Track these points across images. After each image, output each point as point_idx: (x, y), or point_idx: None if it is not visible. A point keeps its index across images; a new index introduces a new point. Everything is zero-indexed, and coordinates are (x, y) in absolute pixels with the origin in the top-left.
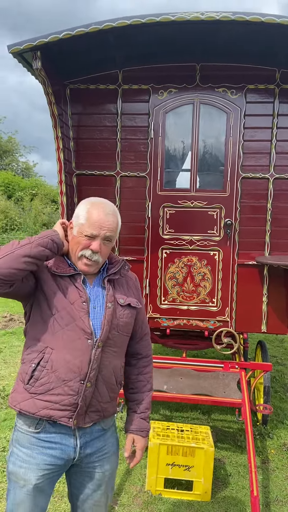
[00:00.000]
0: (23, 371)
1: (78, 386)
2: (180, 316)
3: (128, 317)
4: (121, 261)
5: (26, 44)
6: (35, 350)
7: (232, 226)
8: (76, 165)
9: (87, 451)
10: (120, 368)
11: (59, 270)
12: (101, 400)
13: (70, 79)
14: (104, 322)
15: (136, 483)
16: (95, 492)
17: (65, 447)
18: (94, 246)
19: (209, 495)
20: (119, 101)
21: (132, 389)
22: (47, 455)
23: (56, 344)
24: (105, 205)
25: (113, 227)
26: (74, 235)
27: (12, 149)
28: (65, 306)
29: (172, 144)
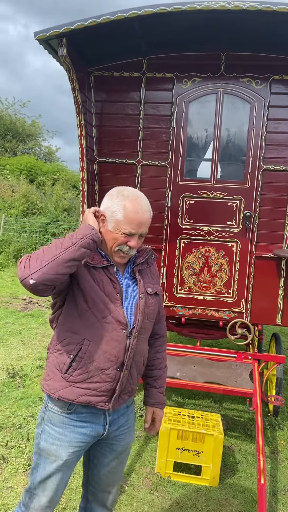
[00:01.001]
0: (60, 361)
1: (115, 373)
2: (196, 305)
3: (155, 304)
4: (148, 250)
5: (52, 31)
6: (72, 342)
7: (251, 218)
8: (98, 153)
9: (114, 428)
10: (147, 351)
11: (94, 262)
12: (132, 383)
13: (95, 66)
14: (138, 313)
15: (146, 465)
16: (113, 461)
17: (96, 426)
18: (133, 243)
19: (217, 480)
20: (142, 89)
21: (150, 367)
22: (79, 433)
23: (93, 336)
24: (141, 201)
25: (148, 223)
26: (109, 230)
27: (35, 133)
28: (101, 298)
29: (194, 134)
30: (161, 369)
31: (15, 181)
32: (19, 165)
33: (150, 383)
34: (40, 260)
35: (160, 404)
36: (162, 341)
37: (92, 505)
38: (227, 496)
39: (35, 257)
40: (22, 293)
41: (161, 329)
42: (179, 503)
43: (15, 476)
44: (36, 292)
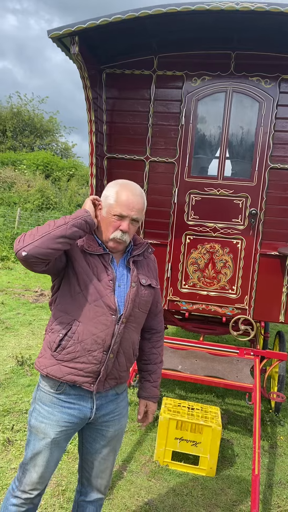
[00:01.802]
0: (51, 339)
1: (101, 356)
2: (200, 301)
3: (148, 296)
4: (145, 243)
5: (65, 30)
6: (63, 322)
7: (257, 216)
8: (107, 149)
9: (101, 412)
10: (137, 342)
11: (90, 248)
12: (119, 369)
13: (106, 63)
14: (128, 300)
15: (145, 453)
16: (105, 448)
17: (83, 408)
18: (124, 227)
19: (214, 471)
20: (152, 86)
21: (145, 361)
22: (66, 414)
23: (83, 318)
24: (133, 187)
25: (140, 207)
26: (103, 216)
27: (52, 129)
28: (93, 283)
29: (202, 131)
30: (156, 364)
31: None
32: (36, 160)
33: (145, 377)
34: (33, 235)
35: (153, 398)
36: (158, 336)
37: (87, 489)
38: (223, 486)
39: (29, 233)
40: (34, 286)
41: (158, 324)
42: (176, 490)
43: (19, 458)
44: (28, 265)
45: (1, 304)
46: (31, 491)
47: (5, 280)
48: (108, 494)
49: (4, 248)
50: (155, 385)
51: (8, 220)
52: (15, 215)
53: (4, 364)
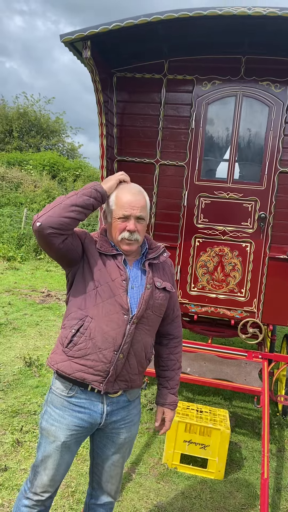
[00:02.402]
0: (63, 335)
1: (111, 355)
2: (208, 303)
3: (162, 299)
4: (161, 247)
5: (77, 34)
6: (76, 318)
7: (266, 219)
8: (118, 151)
9: (112, 419)
10: (150, 345)
11: (103, 248)
12: (130, 372)
13: (117, 67)
14: (142, 301)
15: (154, 456)
16: (115, 454)
17: (93, 413)
18: (130, 226)
19: (222, 474)
20: (163, 90)
21: (163, 367)
22: (76, 418)
23: (95, 314)
24: (131, 186)
25: (142, 205)
26: (110, 223)
27: (59, 129)
28: (107, 281)
29: (212, 135)
30: (173, 371)
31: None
32: (42, 160)
33: (162, 383)
34: (47, 208)
35: (171, 405)
36: (176, 342)
37: (97, 492)
38: (231, 489)
39: (44, 209)
40: (41, 286)
41: (175, 329)
42: (184, 493)
43: (28, 459)
44: (44, 239)
45: (8, 304)
46: (42, 493)
47: (11, 280)
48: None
49: (10, 249)
50: (172, 392)
51: (14, 221)
52: (22, 215)
53: (12, 365)
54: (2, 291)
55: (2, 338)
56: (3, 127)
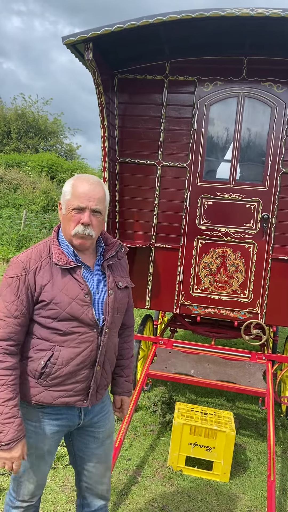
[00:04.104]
0: (32, 368)
1: (88, 372)
2: (211, 305)
3: (125, 298)
4: (117, 243)
5: (79, 36)
6: (43, 349)
7: (269, 220)
8: (119, 153)
9: (89, 416)
10: (117, 343)
11: (60, 262)
12: (106, 377)
13: (119, 69)
14: (108, 309)
15: (158, 458)
16: (98, 450)
17: (71, 416)
18: (84, 219)
19: (228, 476)
20: (165, 91)
21: (118, 356)
22: (54, 425)
23: (64, 341)
24: (89, 177)
25: (100, 197)
26: (63, 214)
27: (57, 130)
28: (69, 302)
29: (214, 136)
30: (128, 359)
31: (36, 178)
32: (41, 162)
33: (118, 373)
34: None
35: (128, 392)
36: (130, 331)
37: (88, 500)
38: (237, 491)
39: None
40: None
41: (129, 319)
42: (190, 496)
43: None
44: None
45: None
46: (31, 499)
47: None
48: (123, 499)
49: (10, 250)
50: (128, 379)
51: (14, 222)
52: (21, 217)
53: None
54: None
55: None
56: (1, 129)
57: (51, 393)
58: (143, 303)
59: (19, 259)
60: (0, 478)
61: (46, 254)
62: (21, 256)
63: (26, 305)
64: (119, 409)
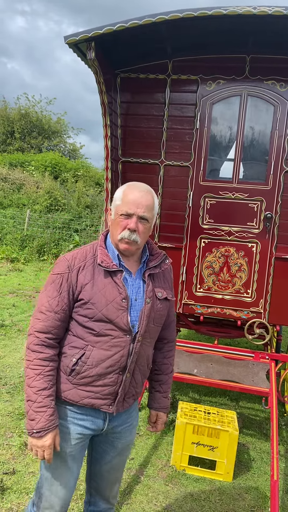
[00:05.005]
0: (64, 364)
1: (117, 377)
2: (214, 304)
3: (164, 309)
4: (162, 254)
5: (81, 36)
6: (76, 347)
7: (272, 219)
8: (122, 152)
9: (114, 423)
10: (151, 355)
11: (104, 264)
12: (136, 386)
13: (121, 68)
14: (143, 317)
15: (162, 458)
16: (115, 459)
17: (96, 420)
18: (131, 225)
19: (231, 476)
20: (167, 90)
21: (157, 371)
22: (79, 426)
23: (97, 342)
24: (140, 185)
25: (149, 205)
26: (112, 219)
27: (60, 130)
28: (106, 304)
29: (217, 135)
30: (167, 375)
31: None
32: (44, 161)
33: (155, 387)
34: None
35: (164, 408)
36: (170, 346)
37: (95, 499)
38: (240, 491)
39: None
40: None
41: (170, 334)
42: (193, 495)
43: (36, 462)
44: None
45: (13, 306)
46: None
47: (15, 282)
48: (126, 498)
49: (14, 250)
50: (165, 395)
51: (17, 222)
52: (25, 216)
53: (18, 367)
54: (6, 292)
55: (8, 340)
56: (4, 128)
57: (79, 392)
58: None
59: (66, 258)
60: (4, 477)
61: (91, 255)
62: (68, 255)
63: (66, 302)
64: (153, 423)
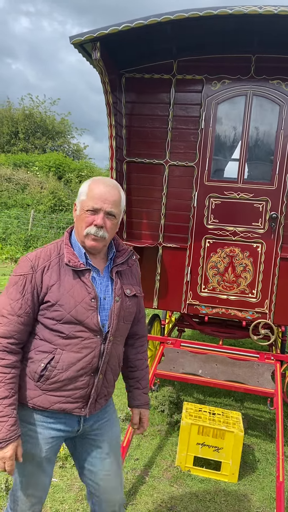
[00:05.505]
0: (31, 369)
1: (88, 379)
2: (219, 305)
3: (133, 306)
4: (129, 250)
5: (87, 36)
6: (44, 351)
7: (277, 219)
8: (127, 153)
9: (90, 422)
10: (122, 353)
11: (71, 263)
12: (108, 386)
13: (126, 68)
14: (113, 316)
15: (166, 458)
16: (104, 461)
17: (70, 421)
18: (98, 221)
19: (236, 477)
20: (172, 90)
21: (132, 368)
22: (52, 429)
23: (66, 344)
24: (107, 180)
25: (116, 200)
26: (77, 215)
27: (64, 130)
28: (74, 305)
29: (222, 135)
30: (143, 370)
31: (44, 178)
32: (48, 162)
33: (133, 385)
34: None
35: (145, 404)
36: (142, 341)
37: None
38: (245, 492)
39: None
40: None
41: (141, 329)
42: (198, 496)
43: None
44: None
45: None
46: None
47: None
48: (131, 499)
49: (18, 250)
50: (145, 391)
51: (21, 222)
52: (29, 217)
53: None
54: None
55: None
56: (9, 129)
57: (49, 397)
58: (150, 303)
59: (28, 258)
60: None
61: (56, 254)
62: (30, 255)
63: (30, 305)
64: (138, 424)
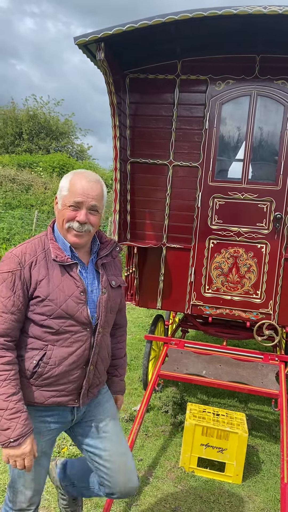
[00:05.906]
0: (23, 367)
1: (81, 371)
2: (223, 305)
3: (118, 297)
4: (112, 242)
5: (91, 36)
6: (35, 348)
7: (282, 220)
8: (131, 153)
9: (82, 410)
10: (110, 343)
11: (58, 258)
12: (99, 376)
13: (130, 68)
14: (101, 308)
15: (170, 459)
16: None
17: (63, 412)
18: (80, 217)
19: (240, 478)
20: (176, 91)
21: (112, 356)
22: (47, 422)
23: (57, 341)
24: (88, 174)
25: (98, 194)
26: (59, 210)
27: (68, 131)
28: (64, 300)
29: (226, 135)
30: (121, 358)
31: (47, 178)
32: (52, 162)
33: (112, 372)
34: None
35: (122, 391)
36: (122, 331)
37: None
38: (250, 493)
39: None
40: None
41: (122, 318)
42: (202, 497)
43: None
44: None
45: None
46: (29, 507)
47: None
48: (135, 500)
49: None
50: (122, 378)
51: (26, 223)
52: (33, 217)
53: None
54: None
55: None
56: (13, 130)
57: (43, 393)
58: (154, 303)
59: (14, 254)
60: None
61: (41, 249)
62: (16, 250)
63: (22, 301)
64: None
